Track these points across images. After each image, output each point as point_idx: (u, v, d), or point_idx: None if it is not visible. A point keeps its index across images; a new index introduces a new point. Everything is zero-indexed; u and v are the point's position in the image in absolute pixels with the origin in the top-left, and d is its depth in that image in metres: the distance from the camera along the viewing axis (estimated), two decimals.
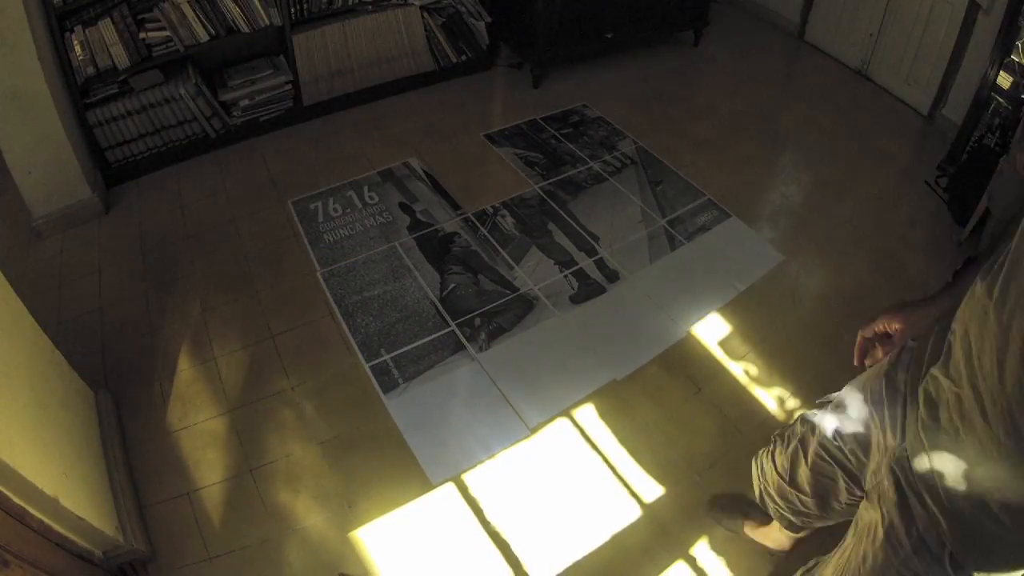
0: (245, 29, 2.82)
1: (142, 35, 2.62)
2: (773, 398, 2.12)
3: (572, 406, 2.06)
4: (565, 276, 2.47)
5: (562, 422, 2.02)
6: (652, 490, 1.86)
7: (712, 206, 2.82)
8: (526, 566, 1.70)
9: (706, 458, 1.94)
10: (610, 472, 1.90)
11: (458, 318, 2.29)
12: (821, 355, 2.25)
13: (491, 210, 2.74)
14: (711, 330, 2.31)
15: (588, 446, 1.96)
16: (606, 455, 1.94)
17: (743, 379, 2.17)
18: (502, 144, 3.11)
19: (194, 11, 2.66)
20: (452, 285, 2.41)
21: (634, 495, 1.85)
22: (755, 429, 2.02)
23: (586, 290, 2.42)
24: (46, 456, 1.42)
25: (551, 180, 2.91)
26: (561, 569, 1.70)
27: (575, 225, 2.69)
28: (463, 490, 1.84)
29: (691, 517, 1.81)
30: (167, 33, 2.66)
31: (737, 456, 1.95)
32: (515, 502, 1.82)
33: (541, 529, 1.77)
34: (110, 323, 2.26)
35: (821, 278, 2.57)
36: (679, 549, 1.74)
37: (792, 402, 2.11)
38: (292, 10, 2.90)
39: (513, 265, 2.50)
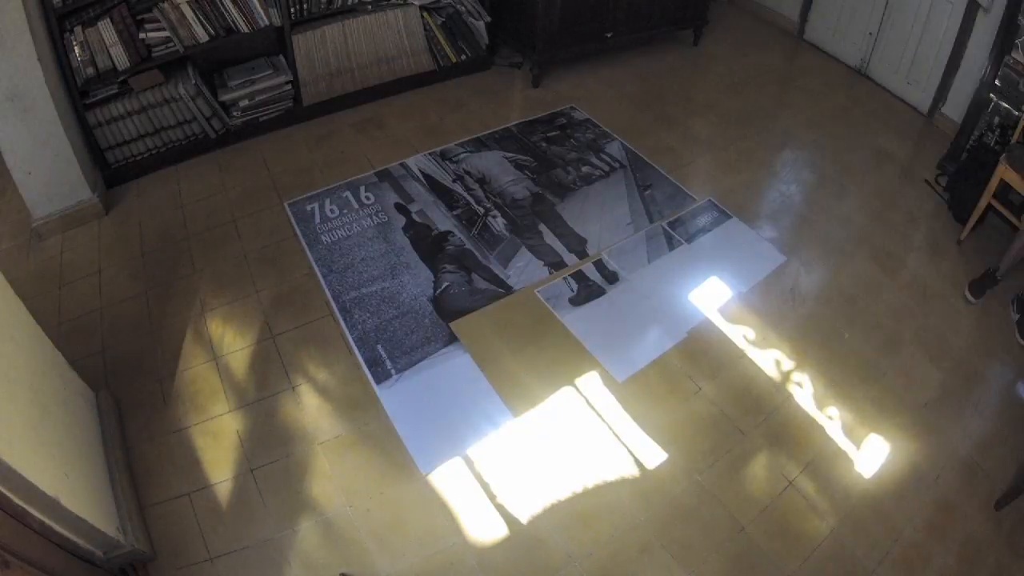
0: (245, 29, 2.82)
1: (142, 35, 2.61)
2: (774, 397, 2.12)
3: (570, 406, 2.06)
4: (565, 279, 2.46)
5: (560, 420, 2.02)
6: (652, 488, 1.87)
7: (712, 207, 2.81)
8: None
9: (706, 457, 1.94)
10: (609, 468, 1.91)
11: (452, 317, 2.29)
12: (822, 354, 2.25)
13: (482, 211, 2.74)
14: (712, 330, 2.31)
15: (587, 443, 1.97)
16: (605, 452, 1.94)
17: (744, 378, 2.17)
18: (492, 147, 3.10)
19: (194, 11, 2.66)
20: (446, 284, 2.41)
21: (633, 490, 1.85)
22: (756, 428, 2.03)
23: (585, 292, 2.42)
24: (47, 456, 1.42)
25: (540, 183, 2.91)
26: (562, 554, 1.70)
27: (567, 226, 2.68)
28: (456, 476, 1.85)
29: (690, 512, 1.81)
30: (167, 33, 2.66)
31: (738, 455, 1.96)
32: (508, 485, 1.83)
33: (536, 511, 1.77)
34: (110, 323, 2.26)
35: (821, 277, 2.57)
36: (675, 544, 1.75)
37: (793, 401, 2.11)
38: (292, 10, 2.90)
39: (502, 267, 2.50)
